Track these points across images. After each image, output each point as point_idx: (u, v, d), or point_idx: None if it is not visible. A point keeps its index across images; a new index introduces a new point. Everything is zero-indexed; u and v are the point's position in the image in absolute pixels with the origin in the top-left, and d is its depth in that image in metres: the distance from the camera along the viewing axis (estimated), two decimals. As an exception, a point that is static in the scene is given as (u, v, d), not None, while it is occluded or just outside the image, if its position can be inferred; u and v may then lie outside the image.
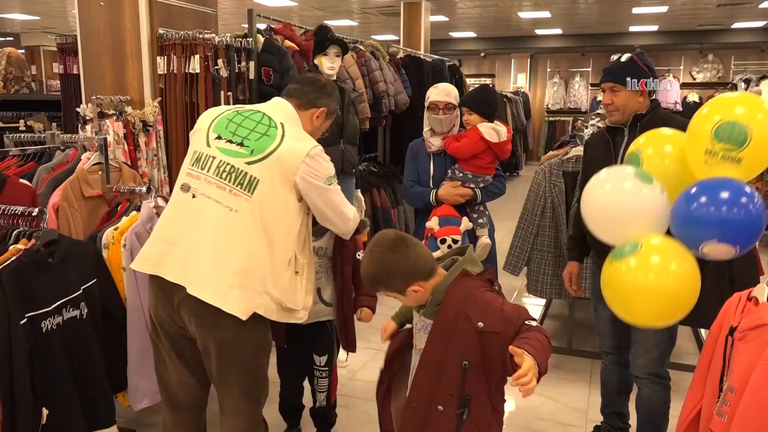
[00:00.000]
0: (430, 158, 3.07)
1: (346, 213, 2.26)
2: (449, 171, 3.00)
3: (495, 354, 1.64)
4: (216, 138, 2.05)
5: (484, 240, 3.02)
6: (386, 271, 1.74)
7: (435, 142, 3.04)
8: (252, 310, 1.98)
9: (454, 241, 2.89)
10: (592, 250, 2.69)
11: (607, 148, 2.52)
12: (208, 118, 2.14)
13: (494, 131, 2.96)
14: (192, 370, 2.14)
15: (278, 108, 2.16)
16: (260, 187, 1.98)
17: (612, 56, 2.57)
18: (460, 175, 2.98)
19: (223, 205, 1.98)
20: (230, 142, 2.03)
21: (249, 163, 1.99)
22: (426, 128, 3.10)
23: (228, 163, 2.00)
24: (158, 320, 2.09)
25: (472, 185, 2.99)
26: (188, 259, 1.97)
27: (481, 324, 1.66)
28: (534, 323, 1.66)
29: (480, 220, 3.03)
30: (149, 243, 2.09)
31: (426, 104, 3.05)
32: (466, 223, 2.96)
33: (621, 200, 2.05)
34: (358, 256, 2.57)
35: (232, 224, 1.97)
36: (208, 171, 2.02)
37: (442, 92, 3.02)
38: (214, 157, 2.02)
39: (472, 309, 1.68)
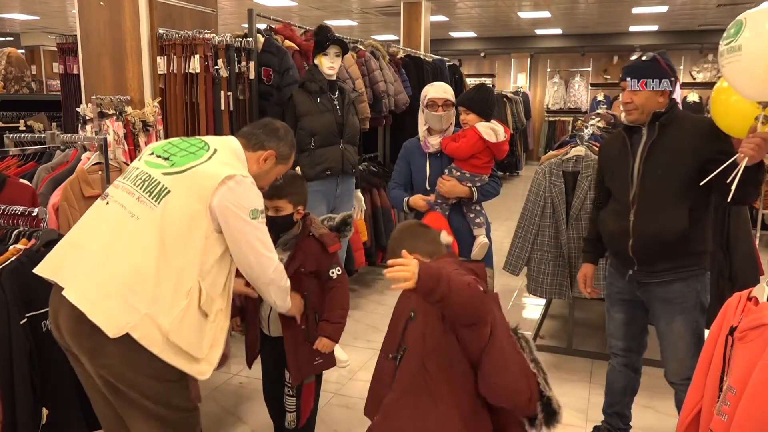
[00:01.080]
0: (426, 158, 3.06)
1: (268, 258, 2.01)
2: (446, 170, 3.01)
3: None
4: (149, 154, 2.01)
5: (482, 239, 3.02)
6: (408, 234, 2.03)
7: (433, 142, 3.03)
8: (124, 329, 1.75)
9: None
10: (609, 253, 2.64)
11: (624, 147, 2.47)
12: (155, 143, 2.10)
13: (492, 131, 2.96)
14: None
15: (222, 140, 2.08)
16: (169, 199, 1.86)
17: (633, 54, 2.54)
18: (457, 174, 2.99)
19: (126, 210, 1.87)
20: (158, 156, 1.97)
21: (165, 174, 1.90)
22: (423, 127, 3.08)
23: (146, 173, 1.93)
24: (57, 340, 1.92)
25: (468, 184, 2.99)
26: (78, 261, 1.84)
27: None
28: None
29: (477, 220, 3.03)
30: (55, 247, 1.95)
31: (424, 102, 3.05)
32: (445, 237, 2.94)
33: None
34: (331, 274, 2.42)
35: (129, 230, 1.84)
36: (127, 180, 1.95)
37: (440, 89, 3.03)
38: (138, 168, 1.97)
39: None
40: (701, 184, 2.22)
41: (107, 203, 1.93)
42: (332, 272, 2.43)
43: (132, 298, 1.78)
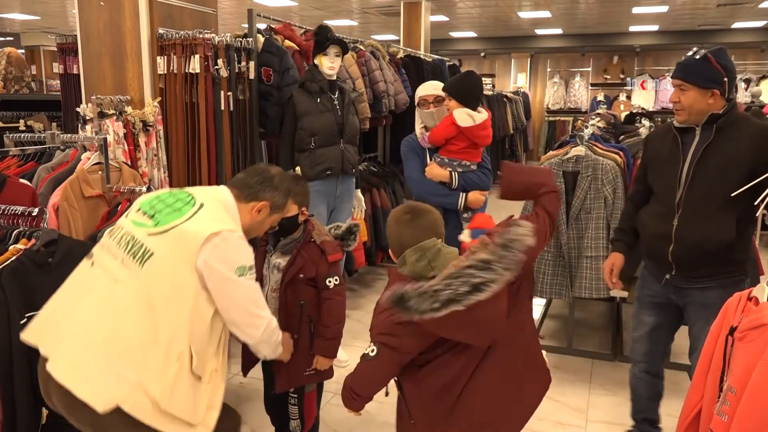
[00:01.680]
0: (426, 153, 3.13)
1: (259, 317, 1.93)
2: (432, 157, 3.08)
3: None
4: (136, 211, 1.93)
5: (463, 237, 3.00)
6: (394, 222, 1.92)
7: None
8: (112, 402, 1.68)
9: None
10: (646, 255, 2.54)
11: (675, 145, 2.35)
12: (143, 196, 2.01)
13: (468, 116, 2.96)
14: None
15: (212, 192, 1.99)
16: (153, 261, 1.78)
17: (689, 51, 2.33)
18: (438, 159, 3.07)
19: (110, 275, 1.82)
20: (144, 214, 1.88)
21: (149, 235, 1.82)
22: (419, 126, 3.15)
23: (131, 233, 1.85)
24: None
25: (448, 169, 3.02)
26: (62, 329, 1.79)
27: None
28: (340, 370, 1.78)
29: (465, 215, 3.04)
30: (41, 311, 1.90)
31: (416, 102, 3.14)
32: (464, 236, 2.88)
33: None
34: (328, 283, 2.37)
35: (113, 296, 1.78)
36: (113, 240, 1.89)
37: (429, 87, 3.12)
38: (123, 227, 1.90)
39: None
40: (732, 195, 2.13)
41: (92, 264, 1.88)
42: (329, 281, 2.37)
43: (120, 367, 1.71)
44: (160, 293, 1.76)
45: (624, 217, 2.70)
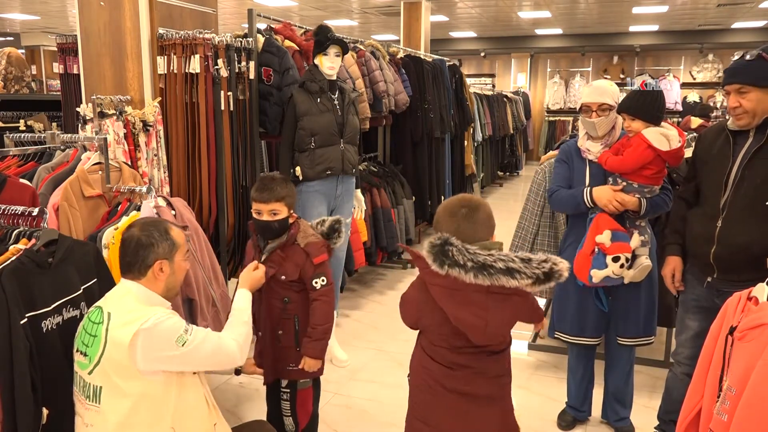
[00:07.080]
0: (585, 164, 2.74)
1: (226, 354, 1.97)
2: (610, 179, 2.68)
3: None
4: (75, 351, 1.96)
5: (644, 261, 2.67)
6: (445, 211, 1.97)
7: (592, 148, 2.72)
8: None
9: (627, 260, 2.59)
10: (689, 256, 2.49)
11: (726, 146, 2.29)
12: (78, 332, 2.01)
13: (664, 137, 2.56)
14: None
15: (115, 292, 2.00)
16: (105, 395, 1.85)
17: (734, 54, 2.25)
18: (624, 184, 2.64)
19: (83, 422, 1.91)
20: (80, 353, 1.92)
21: (89, 373, 1.87)
22: (581, 132, 2.79)
23: (80, 376, 1.92)
24: None
25: (637, 195, 2.62)
26: None
27: None
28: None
29: (642, 238, 2.68)
30: None
31: (578, 106, 2.78)
32: (636, 239, 2.63)
33: None
34: (315, 284, 2.36)
35: None
36: (76, 387, 1.95)
37: (595, 92, 2.68)
38: (76, 372, 1.95)
39: None
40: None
41: (76, 416, 1.95)
42: (316, 282, 2.35)
43: None
44: (127, 419, 1.83)
45: (674, 217, 2.60)
